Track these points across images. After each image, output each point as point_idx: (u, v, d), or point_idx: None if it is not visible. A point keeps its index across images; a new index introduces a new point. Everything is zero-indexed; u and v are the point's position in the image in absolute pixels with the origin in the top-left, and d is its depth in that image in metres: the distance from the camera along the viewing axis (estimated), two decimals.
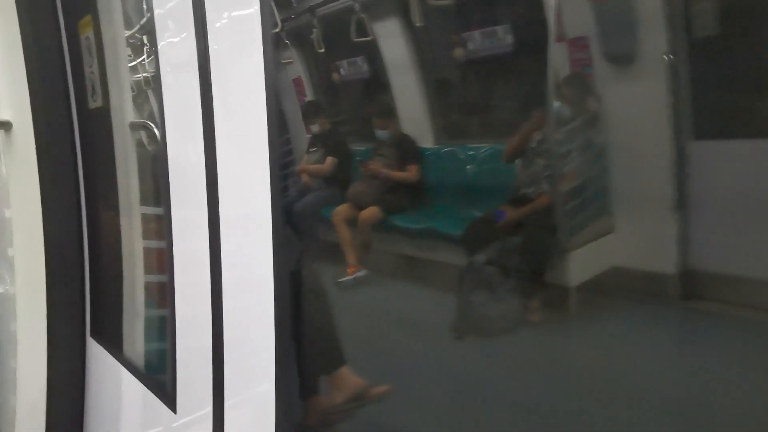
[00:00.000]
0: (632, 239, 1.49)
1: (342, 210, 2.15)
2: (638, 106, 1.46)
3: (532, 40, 1.77)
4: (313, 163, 2.36)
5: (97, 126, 2.32)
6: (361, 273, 2.05)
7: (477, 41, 1.87)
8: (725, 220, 1.27)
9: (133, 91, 2.32)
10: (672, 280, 1.37)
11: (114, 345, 2.39)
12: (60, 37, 2.38)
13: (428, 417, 1.63)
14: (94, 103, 2.32)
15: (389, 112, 2.14)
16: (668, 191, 1.36)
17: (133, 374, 2.22)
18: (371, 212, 2.10)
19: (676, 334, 1.43)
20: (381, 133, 2.14)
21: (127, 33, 2.28)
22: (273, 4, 1.32)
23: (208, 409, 1.65)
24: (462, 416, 1.61)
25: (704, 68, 1.39)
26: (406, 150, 2.13)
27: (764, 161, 1.18)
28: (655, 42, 1.40)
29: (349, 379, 1.79)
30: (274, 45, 1.32)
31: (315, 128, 2.36)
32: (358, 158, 2.33)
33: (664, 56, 1.40)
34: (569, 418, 1.45)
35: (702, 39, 1.36)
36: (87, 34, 2.25)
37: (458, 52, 1.92)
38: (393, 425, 1.72)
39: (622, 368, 1.43)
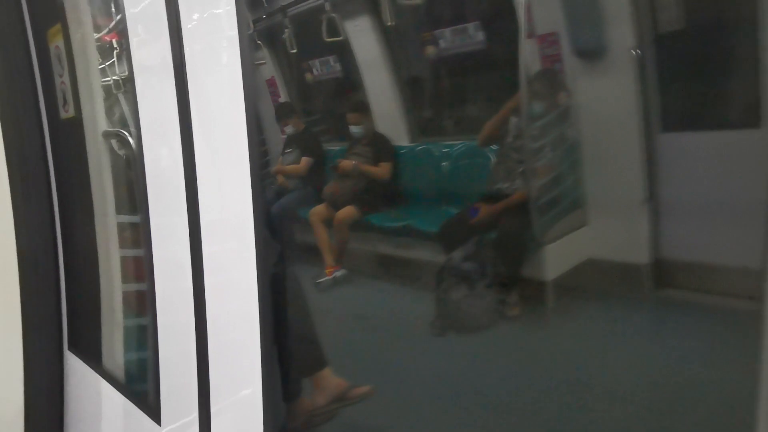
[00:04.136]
0: (605, 231, 1.52)
1: (318, 210, 2.15)
2: (608, 100, 1.49)
3: (504, 37, 1.81)
4: (288, 164, 2.36)
5: (70, 136, 2.29)
6: (340, 273, 2.05)
7: (448, 39, 1.90)
8: (694, 209, 1.30)
9: (106, 99, 2.29)
10: (644, 269, 1.40)
11: (93, 358, 2.36)
12: (28, 47, 2.35)
13: (411, 414, 1.64)
14: (66, 113, 2.29)
15: (363, 108, 2.16)
16: (639, 183, 1.39)
17: (115, 387, 2.19)
18: (347, 211, 2.10)
19: (650, 322, 1.46)
20: (355, 130, 2.15)
21: (98, 41, 2.25)
22: (246, 4, 1.33)
23: (194, 416, 1.64)
24: (443, 413, 1.62)
25: (671, 62, 1.43)
26: (380, 148, 2.15)
27: (731, 152, 1.22)
28: (622, 37, 1.44)
29: (332, 380, 1.79)
30: (250, 46, 1.32)
31: (289, 129, 2.36)
32: (332, 157, 2.34)
33: (632, 51, 1.43)
34: (549, 410, 1.47)
35: (668, 33, 1.41)
36: (56, 43, 2.22)
37: (429, 50, 1.95)
38: (376, 424, 1.73)
39: (599, 358, 1.46)
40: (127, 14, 1.67)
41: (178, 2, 1.44)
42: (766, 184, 0.70)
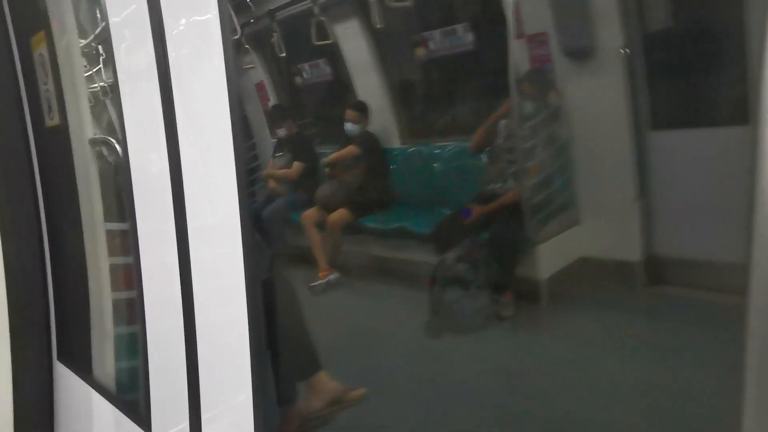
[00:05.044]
0: (597, 230, 1.52)
1: (311, 213, 2.14)
2: (598, 99, 1.49)
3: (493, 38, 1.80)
4: (279, 168, 2.35)
5: (56, 144, 2.27)
6: (333, 276, 2.04)
7: (437, 40, 1.89)
8: (686, 206, 1.30)
9: (91, 105, 2.28)
10: (637, 267, 1.40)
11: (83, 367, 2.34)
12: (12, 55, 2.33)
13: (407, 418, 1.63)
14: (51, 121, 2.27)
15: (362, 107, 2.15)
16: (630, 181, 1.39)
17: (105, 397, 2.17)
18: (340, 214, 2.09)
19: (645, 320, 1.46)
20: (350, 128, 2.13)
21: (83, 48, 2.24)
22: (231, 9, 1.32)
23: (185, 424, 1.62)
24: (440, 416, 1.61)
25: (660, 61, 1.43)
26: (368, 145, 2.14)
27: (721, 149, 1.22)
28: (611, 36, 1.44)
29: (327, 384, 1.78)
30: (234, 50, 1.31)
31: (281, 132, 2.35)
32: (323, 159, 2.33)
33: (621, 50, 1.43)
34: (544, 411, 1.46)
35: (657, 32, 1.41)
36: (40, 50, 2.21)
37: (420, 52, 1.94)
38: (372, 427, 1.72)
39: (595, 357, 1.46)
40: (110, 21, 1.66)
41: (161, 8, 1.43)
42: (752, 180, 0.69)
